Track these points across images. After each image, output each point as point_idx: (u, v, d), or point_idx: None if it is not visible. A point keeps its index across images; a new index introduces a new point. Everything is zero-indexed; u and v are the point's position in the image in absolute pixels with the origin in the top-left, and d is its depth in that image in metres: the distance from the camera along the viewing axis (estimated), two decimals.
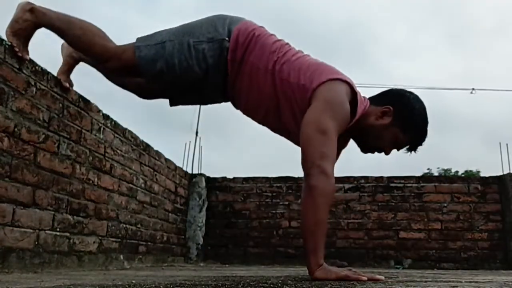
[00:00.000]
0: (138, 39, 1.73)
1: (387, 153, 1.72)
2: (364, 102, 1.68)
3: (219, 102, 1.88)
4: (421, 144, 1.70)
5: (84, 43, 1.74)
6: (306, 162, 1.52)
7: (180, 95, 1.86)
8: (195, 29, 1.70)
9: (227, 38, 1.67)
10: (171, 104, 1.90)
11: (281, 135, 1.83)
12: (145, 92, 1.93)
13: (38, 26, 1.75)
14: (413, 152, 1.72)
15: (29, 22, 1.73)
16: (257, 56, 1.66)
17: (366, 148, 1.76)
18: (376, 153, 1.75)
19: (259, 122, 1.83)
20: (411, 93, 1.72)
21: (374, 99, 1.72)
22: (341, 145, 1.75)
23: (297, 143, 1.70)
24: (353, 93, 1.62)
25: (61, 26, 1.74)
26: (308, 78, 1.60)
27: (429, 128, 1.69)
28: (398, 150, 1.73)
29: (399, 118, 1.65)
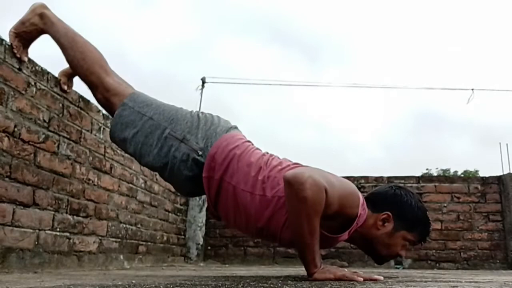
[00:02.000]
0: (131, 96, 1.68)
1: (402, 255, 1.65)
2: (364, 210, 1.58)
3: (185, 196, 1.78)
4: (429, 233, 1.66)
5: (82, 68, 1.72)
6: (294, 170, 1.44)
7: (143, 165, 1.76)
8: (179, 120, 1.63)
9: (199, 152, 1.57)
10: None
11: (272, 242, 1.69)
12: None
13: (43, 32, 1.75)
14: (423, 243, 1.68)
15: (35, 27, 1.73)
16: (240, 179, 1.53)
17: (380, 259, 1.68)
18: (392, 260, 1.68)
19: (253, 238, 1.72)
20: (400, 188, 1.66)
21: (368, 202, 1.61)
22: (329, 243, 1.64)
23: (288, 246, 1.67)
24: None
25: (65, 43, 1.73)
26: None
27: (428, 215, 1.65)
28: (410, 248, 1.68)
29: (401, 220, 1.58)
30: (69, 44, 1.72)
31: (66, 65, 2.01)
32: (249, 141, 1.69)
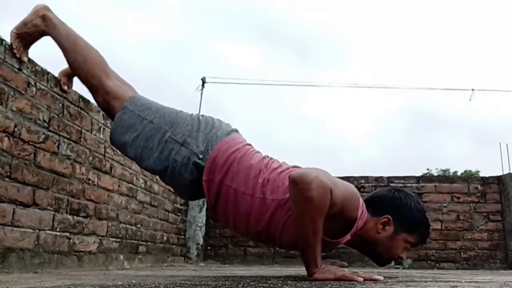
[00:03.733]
0: (132, 99, 1.67)
1: (403, 257, 1.66)
2: (364, 213, 1.58)
3: (186, 200, 1.78)
4: (429, 235, 1.67)
5: (82, 71, 1.71)
6: (300, 170, 1.43)
7: (143, 169, 1.74)
8: (180, 123, 1.62)
9: (200, 155, 1.57)
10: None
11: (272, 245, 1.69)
12: None
13: (45, 34, 1.75)
14: (424, 244, 1.69)
15: (37, 28, 1.73)
16: (241, 181, 1.53)
17: (381, 262, 1.69)
18: (392, 261, 1.72)
19: (253, 241, 1.74)
20: (399, 191, 1.67)
21: (367, 206, 1.61)
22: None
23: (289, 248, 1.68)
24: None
25: (66, 45, 1.73)
26: None
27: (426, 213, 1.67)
28: (411, 249, 1.69)
29: (402, 223, 1.59)
30: (70, 46, 1.72)
31: (65, 65, 2.02)
32: (249, 144, 1.69)
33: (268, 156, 1.66)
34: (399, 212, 1.60)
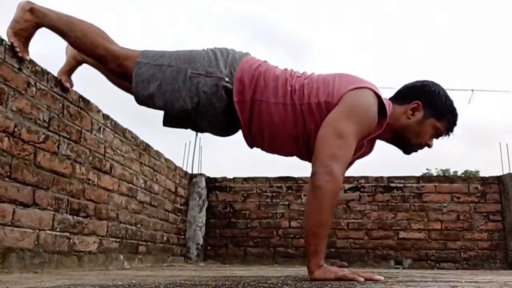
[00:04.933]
0: (143, 53, 1.69)
1: (430, 146, 1.73)
2: (388, 105, 1.66)
3: (221, 136, 1.80)
4: (456, 123, 1.72)
5: (86, 45, 1.72)
6: (316, 160, 1.50)
7: (174, 119, 1.79)
8: (197, 58, 1.66)
9: (226, 79, 1.61)
10: (164, 124, 1.82)
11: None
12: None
13: (39, 26, 1.75)
14: (451, 134, 1.73)
15: (30, 22, 1.73)
16: (270, 93, 1.60)
17: (409, 149, 1.75)
18: (419, 150, 1.75)
19: (287, 155, 1.78)
20: (427, 81, 1.73)
21: (395, 99, 1.72)
22: (363, 152, 1.74)
23: None
24: (379, 99, 1.59)
25: (62, 27, 1.73)
26: (330, 94, 1.57)
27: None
28: (438, 138, 1.74)
29: (430, 108, 1.67)
30: (66, 27, 1.73)
31: (63, 65, 2.03)
32: (266, 61, 1.74)
33: (288, 68, 1.72)
34: (428, 98, 1.67)
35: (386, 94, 1.72)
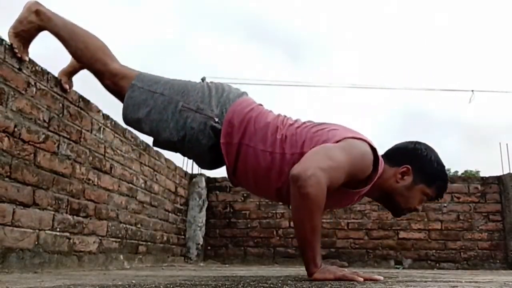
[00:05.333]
0: (138, 76, 1.68)
1: (418, 210, 1.71)
2: (381, 162, 1.61)
3: (206, 169, 1.76)
4: (446, 189, 1.68)
5: (85, 57, 1.71)
6: (297, 166, 1.41)
7: (162, 144, 1.74)
8: (191, 92, 1.63)
9: (216, 119, 1.57)
10: (154, 145, 1.79)
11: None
12: None
13: (42, 29, 1.75)
14: (440, 198, 1.71)
15: (33, 24, 1.72)
16: (259, 140, 1.56)
17: (400, 212, 1.71)
18: (408, 213, 1.73)
19: (273, 200, 1.76)
20: (419, 143, 1.68)
21: (386, 158, 1.64)
22: (345, 203, 1.72)
23: None
24: (374, 152, 1.56)
25: (65, 35, 1.72)
26: (323, 143, 1.51)
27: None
28: (427, 202, 1.73)
29: (420, 174, 1.61)
30: (69, 35, 1.72)
31: (64, 65, 2.02)
32: (261, 105, 1.71)
33: (281, 114, 1.68)
34: (418, 163, 1.62)
35: (386, 94, 1.72)
